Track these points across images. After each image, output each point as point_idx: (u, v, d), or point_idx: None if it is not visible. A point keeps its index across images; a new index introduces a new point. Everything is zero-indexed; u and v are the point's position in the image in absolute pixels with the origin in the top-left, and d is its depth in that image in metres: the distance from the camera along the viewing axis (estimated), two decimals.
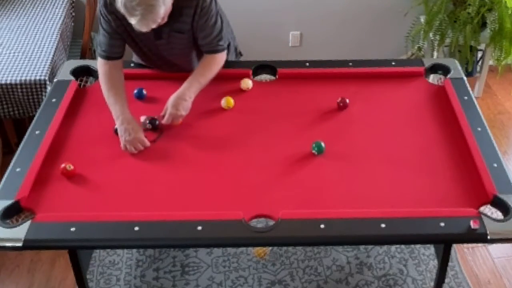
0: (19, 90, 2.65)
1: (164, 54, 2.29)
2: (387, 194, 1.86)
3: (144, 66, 2.45)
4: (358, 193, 1.87)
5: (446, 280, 2.42)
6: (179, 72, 2.31)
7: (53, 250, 2.59)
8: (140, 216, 1.76)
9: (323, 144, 2.01)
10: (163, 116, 2.14)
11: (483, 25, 3.29)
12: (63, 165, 1.94)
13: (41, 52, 2.83)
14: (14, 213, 1.80)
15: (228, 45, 2.42)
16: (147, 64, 2.43)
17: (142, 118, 2.16)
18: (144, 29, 1.96)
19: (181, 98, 2.13)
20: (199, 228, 1.72)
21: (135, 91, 2.29)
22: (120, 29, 2.16)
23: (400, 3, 3.56)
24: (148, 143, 2.07)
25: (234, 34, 2.55)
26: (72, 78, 2.38)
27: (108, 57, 2.22)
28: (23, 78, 2.66)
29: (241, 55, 2.63)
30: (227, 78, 2.37)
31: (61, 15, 3.16)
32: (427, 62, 2.45)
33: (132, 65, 2.46)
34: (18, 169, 1.93)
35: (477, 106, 2.20)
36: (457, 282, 2.50)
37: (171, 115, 2.12)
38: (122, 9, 1.91)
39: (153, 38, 2.19)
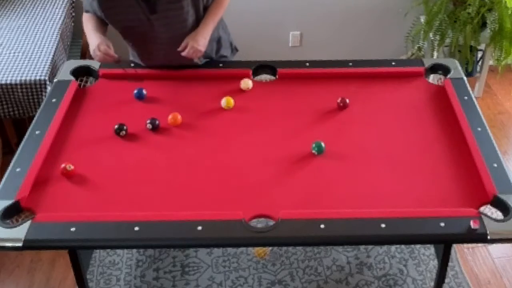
0: (19, 90, 2.65)
1: (160, 34, 2.26)
2: (387, 194, 1.86)
3: (144, 66, 2.45)
4: (358, 193, 1.87)
5: (446, 280, 2.42)
6: (176, 62, 2.31)
7: (53, 250, 2.59)
8: (140, 216, 1.76)
9: (323, 144, 2.01)
10: (181, 51, 2.23)
11: (483, 25, 3.29)
12: (63, 165, 1.94)
13: (41, 52, 2.84)
14: (14, 213, 1.80)
15: (220, 39, 2.45)
16: (143, 58, 2.41)
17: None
18: None
19: (200, 35, 2.23)
20: (199, 228, 1.72)
21: (135, 91, 2.29)
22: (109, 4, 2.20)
23: (400, 3, 3.56)
24: (112, 53, 2.19)
25: (229, 30, 2.55)
26: (72, 78, 2.38)
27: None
28: (23, 78, 2.66)
29: (236, 50, 2.63)
30: (227, 78, 2.37)
31: (61, 15, 3.16)
32: (427, 62, 2.45)
33: (132, 65, 2.46)
34: (18, 169, 1.93)
35: (477, 106, 2.20)
36: (457, 282, 2.50)
37: (193, 48, 2.21)
38: None
39: (147, 12, 2.17)
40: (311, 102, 2.28)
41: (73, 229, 1.72)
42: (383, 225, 1.72)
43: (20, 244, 1.69)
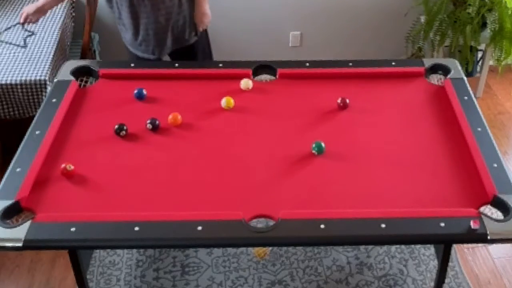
0: (19, 90, 2.65)
1: None
2: (387, 194, 1.86)
3: (144, 66, 2.45)
4: (358, 193, 1.87)
5: (446, 281, 2.42)
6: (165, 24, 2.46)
7: (53, 250, 2.59)
8: (140, 216, 1.76)
9: (323, 144, 2.01)
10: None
11: (483, 25, 3.29)
12: (63, 165, 1.94)
13: (41, 52, 2.83)
14: (14, 213, 1.80)
15: (186, 22, 2.58)
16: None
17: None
18: None
19: (203, 14, 2.59)
20: (199, 228, 1.72)
21: (135, 91, 2.29)
22: None
23: (400, 3, 3.56)
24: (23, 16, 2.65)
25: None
26: (72, 78, 2.38)
27: None
28: (23, 78, 2.66)
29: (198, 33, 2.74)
30: (227, 78, 2.37)
31: (61, 15, 3.16)
32: (427, 62, 2.45)
33: (132, 65, 2.46)
34: (18, 169, 1.93)
35: (477, 106, 2.20)
36: (457, 282, 2.50)
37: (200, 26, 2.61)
38: None
39: None
40: (311, 102, 2.28)
41: (73, 229, 1.72)
42: (383, 225, 1.72)
43: (20, 244, 1.69)
